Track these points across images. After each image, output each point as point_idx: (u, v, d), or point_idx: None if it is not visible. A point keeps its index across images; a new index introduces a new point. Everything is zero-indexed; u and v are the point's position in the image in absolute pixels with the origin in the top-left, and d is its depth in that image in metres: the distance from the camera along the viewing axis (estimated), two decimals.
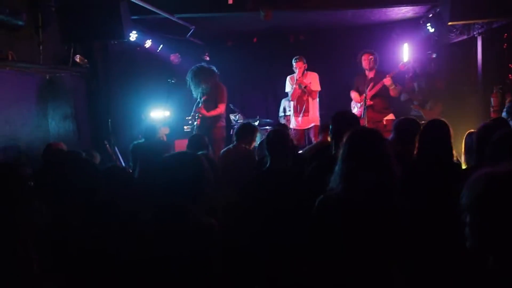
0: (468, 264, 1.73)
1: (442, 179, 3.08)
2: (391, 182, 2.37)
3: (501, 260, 1.49)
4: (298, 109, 7.61)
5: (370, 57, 7.09)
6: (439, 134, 3.33)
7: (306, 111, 7.56)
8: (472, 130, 4.15)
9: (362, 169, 2.36)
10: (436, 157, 3.26)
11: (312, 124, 7.56)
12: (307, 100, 7.53)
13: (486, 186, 1.50)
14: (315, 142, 7.34)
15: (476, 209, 1.52)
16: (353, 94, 7.40)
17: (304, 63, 7.41)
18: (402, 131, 3.83)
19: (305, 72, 7.51)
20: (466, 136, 4.13)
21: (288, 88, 7.74)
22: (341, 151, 2.48)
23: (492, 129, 3.29)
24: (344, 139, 2.49)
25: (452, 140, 3.45)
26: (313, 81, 7.51)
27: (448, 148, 3.32)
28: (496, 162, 1.93)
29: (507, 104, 5.03)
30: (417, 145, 3.44)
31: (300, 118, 7.61)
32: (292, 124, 7.71)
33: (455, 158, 3.49)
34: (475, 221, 1.52)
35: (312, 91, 7.48)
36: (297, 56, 7.48)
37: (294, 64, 7.43)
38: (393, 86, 6.95)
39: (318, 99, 7.80)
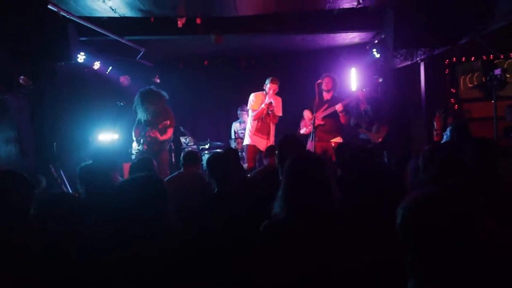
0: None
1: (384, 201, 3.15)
2: (331, 206, 2.41)
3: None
4: (260, 130, 7.28)
5: (331, 81, 7.25)
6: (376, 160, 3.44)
7: (269, 134, 7.28)
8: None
9: (303, 194, 2.40)
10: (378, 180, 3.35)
11: None
12: (269, 124, 7.30)
13: (410, 209, 1.56)
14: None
15: (403, 230, 1.58)
16: (305, 112, 7.44)
17: (278, 86, 7.18)
18: (343, 156, 3.91)
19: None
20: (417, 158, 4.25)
21: (254, 105, 7.30)
22: (283, 176, 2.51)
23: (436, 152, 3.43)
24: (286, 165, 2.53)
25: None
26: (278, 106, 7.30)
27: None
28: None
29: (449, 127, 5.22)
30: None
31: (258, 139, 7.27)
32: (249, 141, 7.37)
33: None
34: (405, 241, 1.58)
35: (276, 116, 7.28)
36: (273, 77, 7.22)
37: (268, 84, 7.15)
38: (343, 113, 7.08)
39: None
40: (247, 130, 7.57)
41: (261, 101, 7.24)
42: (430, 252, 1.56)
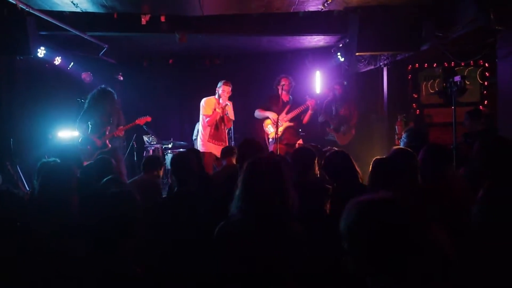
0: None
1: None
2: (286, 209, 2.42)
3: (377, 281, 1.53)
4: (215, 136, 7.07)
5: (290, 82, 7.10)
6: (343, 164, 3.47)
7: (223, 140, 7.16)
8: (378, 157, 4.34)
9: (258, 196, 2.40)
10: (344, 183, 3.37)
11: None
12: (224, 129, 7.18)
13: (355, 214, 1.57)
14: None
15: (347, 235, 1.58)
16: (269, 113, 7.14)
17: (231, 90, 7.01)
18: (298, 160, 3.91)
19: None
20: (373, 162, 4.29)
21: (207, 110, 7.02)
22: (240, 178, 2.50)
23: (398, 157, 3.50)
24: (244, 166, 2.53)
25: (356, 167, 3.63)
26: (230, 110, 7.19)
27: (354, 175, 3.46)
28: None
29: (406, 132, 5.30)
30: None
31: (215, 146, 7.02)
32: (203, 149, 7.05)
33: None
34: (348, 247, 1.58)
35: (230, 119, 7.18)
36: (226, 81, 7.04)
37: (221, 87, 6.95)
38: (312, 111, 7.02)
39: None
40: (199, 136, 7.28)
41: (213, 105, 7.01)
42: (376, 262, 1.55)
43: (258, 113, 7.35)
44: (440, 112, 8.73)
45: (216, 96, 7.05)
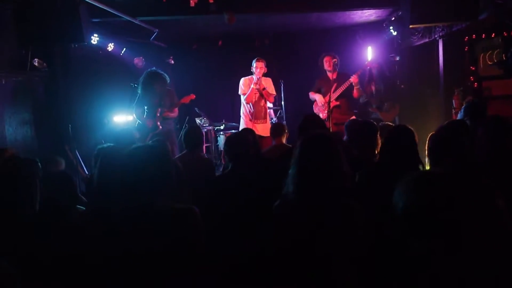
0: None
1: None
2: (341, 186, 2.38)
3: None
4: (256, 114, 7.27)
5: (333, 59, 6.96)
6: (405, 141, 3.31)
7: (264, 117, 7.34)
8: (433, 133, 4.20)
9: (312, 174, 2.36)
10: (401, 163, 3.25)
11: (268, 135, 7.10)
12: (264, 106, 7.33)
13: (415, 189, 1.54)
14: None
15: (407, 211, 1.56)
16: (316, 96, 7.15)
17: (265, 65, 7.17)
18: (358, 134, 3.81)
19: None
20: (429, 139, 4.16)
21: (244, 89, 7.31)
22: (294, 155, 2.47)
23: (449, 131, 3.35)
24: (297, 144, 2.49)
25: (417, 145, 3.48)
26: (269, 86, 7.29)
27: (414, 154, 3.32)
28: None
29: (464, 105, 5.10)
30: (379, 150, 3.45)
31: (258, 125, 7.22)
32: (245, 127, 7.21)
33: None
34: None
35: (270, 94, 7.27)
36: (259, 57, 7.20)
37: (254, 64, 7.15)
38: (358, 86, 6.88)
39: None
40: (242, 116, 7.49)
41: (249, 83, 7.22)
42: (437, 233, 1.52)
43: (310, 96, 7.35)
44: (500, 84, 8.33)
45: (253, 75, 7.20)
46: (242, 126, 7.39)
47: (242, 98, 7.35)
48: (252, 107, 7.30)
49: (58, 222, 2.68)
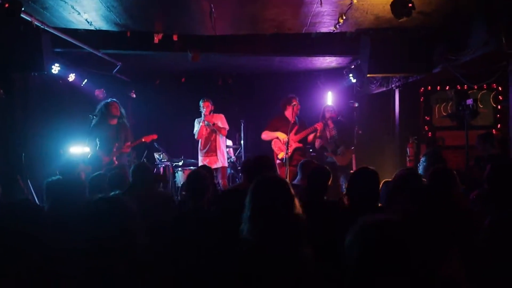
0: None
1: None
2: (294, 230, 2.38)
3: None
4: (206, 148, 7.70)
5: (298, 102, 7.16)
6: (370, 182, 3.39)
7: (214, 150, 7.67)
8: (388, 180, 4.30)
9: (266, 217, 2.35)
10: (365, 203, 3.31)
11: (220, 165, 7.66)
12: (215, 139, 7.68)
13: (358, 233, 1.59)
14: (225, 185, 7.38)
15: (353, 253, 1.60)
16: (278, 133, 7.20)
17: (211, 104, 7.61)
18: (314, 180, 3.88)
19: (212, 113, 7.69)
20: (383, 184, 4.25)
21: (195, 128, 7.82)
22: (247, 198, 2.46)
23: (405, 179, 3.45)
24: (251, 187, 2.49)
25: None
26: (221, 120, 7.70)
27: (375, 195, 3.40)
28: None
29: (424, 155, 5.24)
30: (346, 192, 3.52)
31: (207, 158, 7.65)
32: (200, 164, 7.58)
33: None
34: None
35: (221, 128, 7.62)
36: (204, 98, 7.69)
37: (201, 104, 7.60)
38: (319, 133, 7.10)
39: (225, 141, 7.99)
40: (199, 154, 7.91)
41: (200, 122, 7.71)
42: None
43: (266, 135, 7.41)
44: (453, 135, 8.66)
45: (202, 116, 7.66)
46: (199, 160, 7.90)
47: (195, 136, 7.86)
48: (202, 141, 7.77)
49: None
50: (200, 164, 7.56)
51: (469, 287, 2.47)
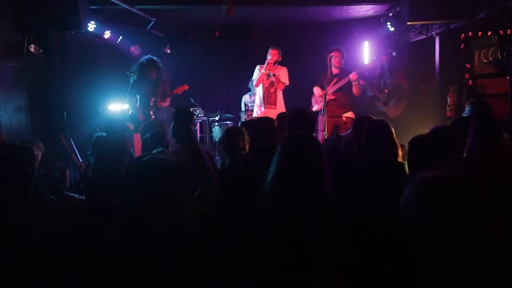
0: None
1: (385, 179, 3.10)
2: (320, 188, 2.37)
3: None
4: (265, 100, 7.49)
5: (340, 54, 7.06)
6: (382, 134, 3.35)
7: (273, 103, 7.50)
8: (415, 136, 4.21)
9: (291, 176, 2.35)
10: (380, 157, 3.28)
11: None
12: (275, 92, 7.49)
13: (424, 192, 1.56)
14: None
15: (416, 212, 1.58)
16: (315, 88, 7.29)
17: (279, 54, 7.39)
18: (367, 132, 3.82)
19: (276, 65, 7.47)
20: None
21: (255, 75, 7.64)
22: (275, 156, 2.46)
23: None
24: (280, 144, 2.48)
25: (397, 140, 3.50)
26: (283, 74, 7.48)
27: (392, 148, 3.35)
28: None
29: (467, 106, 5.11)
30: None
31: (267, 111, 7.41)
32: (258, 114, 7.49)
33: (400, 158, 3.50)
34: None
35: (280, 81, 7.44)
36: (274, 46, 7.48)
37: (269, 51, 7.38)
38: (356, 82, 6.92)
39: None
40: (255, 104, 7.74)
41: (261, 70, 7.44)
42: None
43: (314, 90, 7.40)
44: (495, 82, 8.37)
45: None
46: (254, 111, 7.79)
47: (254, 83, 7.67)
48: (262, 93, 7.54)
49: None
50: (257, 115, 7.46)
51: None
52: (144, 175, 2.30)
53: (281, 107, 7.54)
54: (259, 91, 7.61)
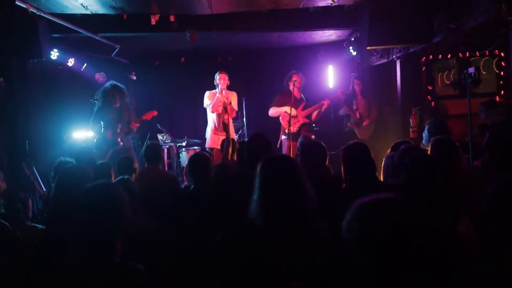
0: None
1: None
2: (306, 205, 2.39)
3: None
4: (220, 126, 7.30)
5: (301, 78, 7.18)
6: (363, 156, 3.40)
7: (227, 130, 7.37)
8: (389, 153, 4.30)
9: (277, 197, 2.36)
10: (362, 177, 3.32)
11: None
12: (228, 119, 7.20)
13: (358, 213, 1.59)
14: None
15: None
16: (285, 108, 7.14)
17: (228, 78, 7.32)
18: (313, 154, 3.90)
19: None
20: (386, 158, 4.26)
21: (207, 102, 7.44)
22: (256, 180, 2.47)
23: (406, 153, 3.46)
24: (258, 168, 2.50)
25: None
26: (233, 100, 7.42)
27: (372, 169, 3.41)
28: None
29: (427, 125, 5.24)
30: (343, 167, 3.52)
31: (221, 137, 7.19)
32: (210, 143, 7.48)
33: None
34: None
35: (233, 109, 7.39)
36: (222, 69, 7.40)
37: (217, 76, 7.28)
38: (322, 110, 7.09)
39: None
40: (207, 131, 7.65)
41: (214, 95, 7.35)
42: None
43: (273, 111, 7.38)
44: (456, 103, 8.60)
45: (217, 88, 7.34)
46: (208, 138, 7.60)
47: (208, 109, 7.47)
48: (216, 119, 7.43)
49: None
50: (210, 143, 7.46)
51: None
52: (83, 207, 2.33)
53: (232, 133, 7.49)
54: (212, 117, 7.50)
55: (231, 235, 2.45)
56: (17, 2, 5.09)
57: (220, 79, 7.25)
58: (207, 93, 7.47)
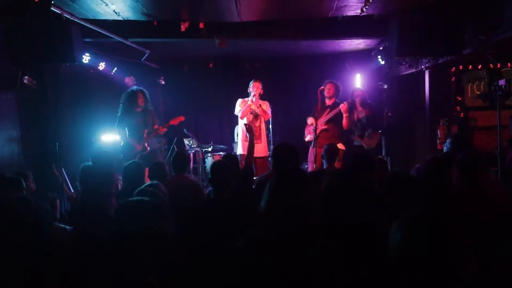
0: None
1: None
2: (311, 223, 2.39)
3: None
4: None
5: (333, 86, 7.14)
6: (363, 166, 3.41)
7: (258, 138, 7.30)
8: (418, 165, 4.28)
9: (283, 212, 2.36)
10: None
11: (263, 155, 7.31)
12: (260, 127, 7.36)
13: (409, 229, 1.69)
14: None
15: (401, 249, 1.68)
16: (309, 119, 7.28)
17: (261, 87, 7.25)
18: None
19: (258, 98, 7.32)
20: (413, 170, 4.24)
21: (238, 109, 7.40)
22: (266, 191, 2.48)
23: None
24: (272, 179, 2.50)
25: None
26: (266, 107, 7.37)
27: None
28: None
29: (448, 139, 5.19)
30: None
31: (256, 145, 6.94)
32: (240, 150, 7.41)
33: None
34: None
35: (266, 112, 7.31)
36: (256, 78, 7.37)
37: (251, 84, 7.24)
38: (347, 114, 6.98)
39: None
40: (238, 138, 7.59)
41: (245, 104, 7.33)
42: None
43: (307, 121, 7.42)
44: (485, 115, 8.45)
45: (250, 96, 7.29)
46: (239, 145, 7.52)
47: (238, 116, 7.45)
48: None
49: None
50: (241, 151, 7.34)
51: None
52: (121, 218, 2.31)
53: (265, 143, 7.45)
54: (242, 124, 7.33)
55: (239, 245, 2.49)
56: (52, 8, 5.22)
57: (254, 87, 7.21)
58: (239, 100, 7.45)
